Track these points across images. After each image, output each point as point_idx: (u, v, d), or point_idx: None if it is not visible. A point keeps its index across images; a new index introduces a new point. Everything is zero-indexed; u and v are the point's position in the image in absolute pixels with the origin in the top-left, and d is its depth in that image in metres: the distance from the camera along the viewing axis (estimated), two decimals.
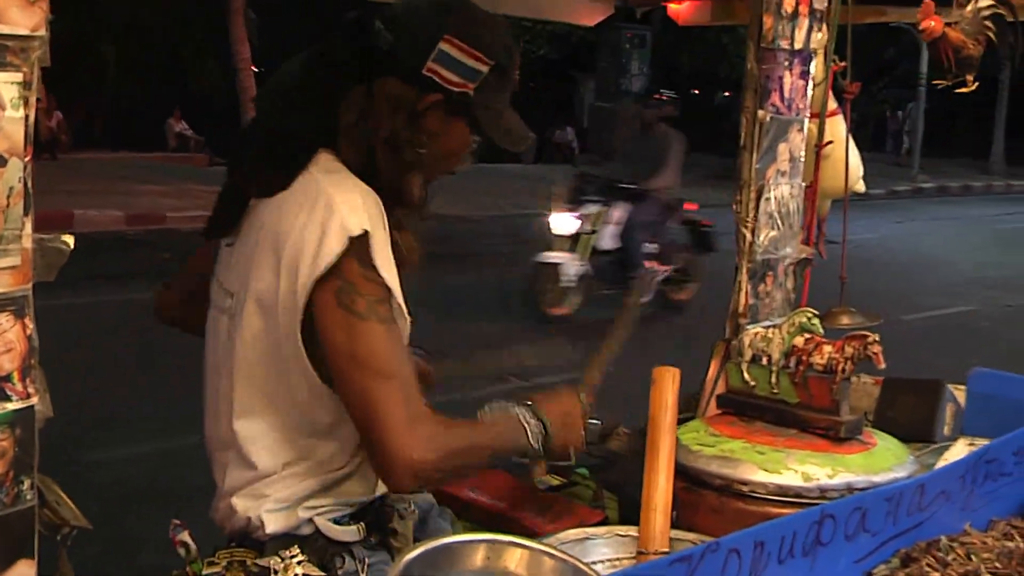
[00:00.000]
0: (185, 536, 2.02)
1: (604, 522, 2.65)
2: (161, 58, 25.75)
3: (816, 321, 2.61)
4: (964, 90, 3.27)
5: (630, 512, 2.72)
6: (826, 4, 2.99)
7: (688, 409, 3.02)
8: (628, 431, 3.48)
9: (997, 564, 2.09)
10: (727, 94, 32.62)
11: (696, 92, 32.20)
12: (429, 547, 1.89)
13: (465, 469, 2.21)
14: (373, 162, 2.04)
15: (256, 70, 18.44)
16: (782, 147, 2.92)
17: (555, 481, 3.03)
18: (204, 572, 2.03)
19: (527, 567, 1.96)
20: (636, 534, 2.29)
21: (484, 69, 2.03)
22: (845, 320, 3.23)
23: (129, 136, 24.62)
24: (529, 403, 2.22)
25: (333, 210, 1.94)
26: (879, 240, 16.57)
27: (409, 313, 2.08)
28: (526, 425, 2.17)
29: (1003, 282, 13.73)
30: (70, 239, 1.66)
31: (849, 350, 2.47)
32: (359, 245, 1.93)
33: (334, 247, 1.92)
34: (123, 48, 24.54)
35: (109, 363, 7.90)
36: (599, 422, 3.29)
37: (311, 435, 2.09)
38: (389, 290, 1.97)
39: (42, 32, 1.49)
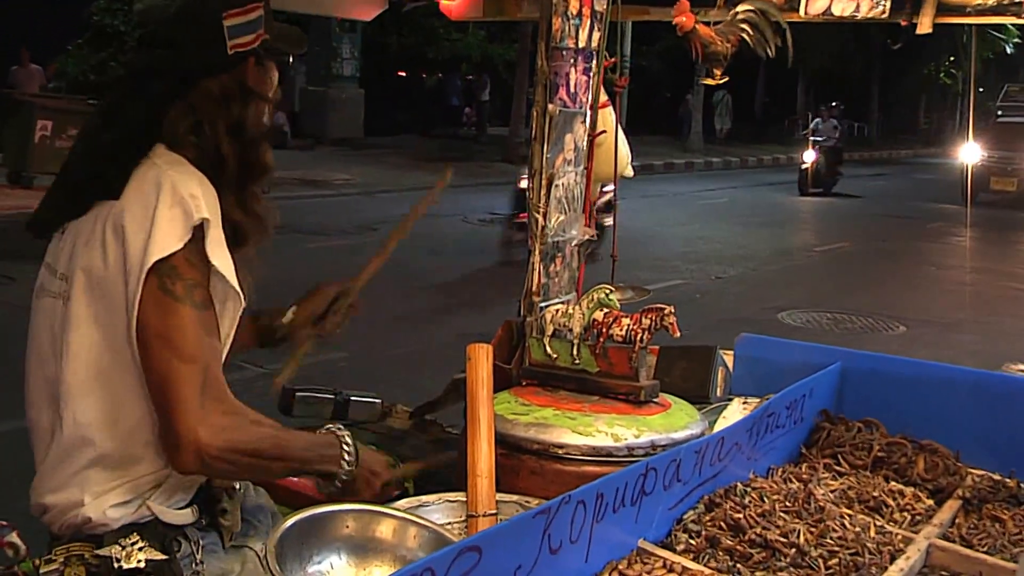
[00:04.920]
0: (13, 537, 2.00)
1: (404, 495, 2.79)
2: None
3: (613, 297, 2.83)
4: (712, 82, 3.59)
5: (425, 483, 2.88)
6: (605, 5, 3.21)
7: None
8: (407, 408, 3.64)
9: (787, 503, 2.40)
10: (439, 76, 32.82)
11: (403, 75, 32.15)
12: (300, 517, 2.02)
13: (259, 470, 2.21)
14: (219, 156, 2.14)
15: None
16: (568, 138, 3.13)
17: None
18: (42, 570, 2.03)
19: (392, 534, 2.12)
20: (464, 499, 2.45)
21: (261, 11, 2.19)
22: (619, 295, 3.48)
23: None
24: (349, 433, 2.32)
25: (175, 197, 2.02)
26: None
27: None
28: (344, 446, 2.25)
29: (711, 255, 14.57)
30: None
31: (646, 321, 2.71)
32: (195, 232, 2.03)
33: (174, 234, 2.00)
34: None
35: None
36: (379, 401, 3.44)
37: (146, 423, 2.11)
38: (210, 275, 2.06)
39: None
